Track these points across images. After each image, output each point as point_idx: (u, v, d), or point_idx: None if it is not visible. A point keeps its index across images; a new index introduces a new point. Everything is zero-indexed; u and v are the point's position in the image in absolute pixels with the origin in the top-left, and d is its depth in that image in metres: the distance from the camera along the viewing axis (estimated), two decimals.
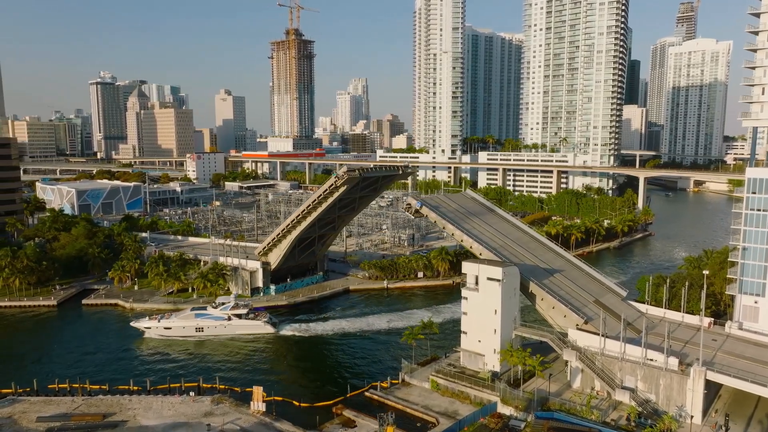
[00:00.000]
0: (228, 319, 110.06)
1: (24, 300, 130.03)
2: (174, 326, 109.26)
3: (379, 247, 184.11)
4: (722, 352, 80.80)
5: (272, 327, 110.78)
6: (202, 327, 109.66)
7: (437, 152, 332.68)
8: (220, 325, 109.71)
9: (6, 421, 76.02)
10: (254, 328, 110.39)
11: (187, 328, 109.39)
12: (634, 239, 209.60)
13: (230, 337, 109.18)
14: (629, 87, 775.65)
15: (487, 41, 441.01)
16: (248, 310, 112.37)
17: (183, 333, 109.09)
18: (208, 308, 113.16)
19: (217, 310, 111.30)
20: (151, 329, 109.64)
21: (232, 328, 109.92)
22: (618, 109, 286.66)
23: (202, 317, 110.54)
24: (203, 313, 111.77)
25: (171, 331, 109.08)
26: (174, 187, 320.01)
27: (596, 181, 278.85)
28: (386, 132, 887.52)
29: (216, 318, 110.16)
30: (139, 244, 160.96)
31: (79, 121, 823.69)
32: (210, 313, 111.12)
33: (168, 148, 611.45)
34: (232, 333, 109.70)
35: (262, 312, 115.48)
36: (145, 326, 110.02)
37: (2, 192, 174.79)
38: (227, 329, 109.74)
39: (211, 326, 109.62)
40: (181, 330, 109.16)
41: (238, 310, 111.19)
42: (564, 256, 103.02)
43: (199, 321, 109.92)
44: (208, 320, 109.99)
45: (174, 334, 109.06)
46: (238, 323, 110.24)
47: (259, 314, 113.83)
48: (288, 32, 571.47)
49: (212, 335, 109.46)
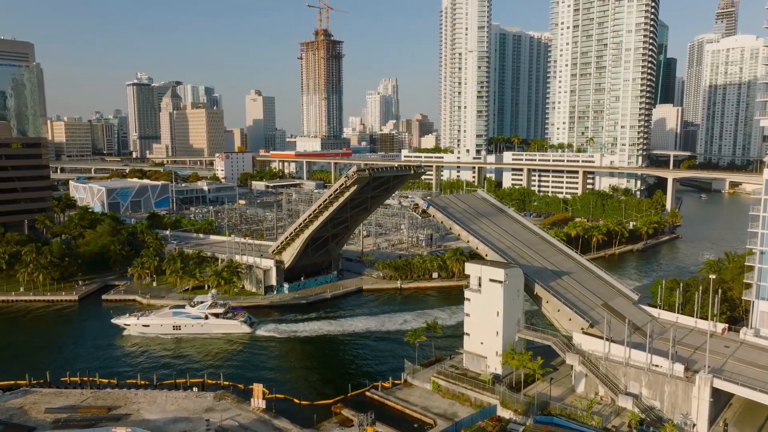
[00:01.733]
0: (205, 318, 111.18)
1: (47, 294, 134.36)
2: (152, 324, 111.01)
3: (396, 247, 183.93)
4: (734, 360, 78.11)
5: (249, 327, 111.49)
6: (179, 325, 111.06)
7: (462, 152, 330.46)
8: (197, 323, 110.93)
9: (17, 411, 78.73)
10: (230, 328, 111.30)
11: (164, 326, 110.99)
12: (660, 242, 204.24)
13: (207, 335, 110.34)
14: (665, 85, 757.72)
15: (515, 40, 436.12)
16: (226, 310, 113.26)
17: (161, 331, 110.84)
18: (186, 307, 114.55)
19: (194, 309, 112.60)
20: (131, 326, 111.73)
21: (209, 327, 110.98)
22: (647, 109, 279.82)
23: (179, 316, 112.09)
24: (181, 311, 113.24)
25: (149, 328, 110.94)
26: (201, 185, 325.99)
27: (623, 182, 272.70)
28: (415, 132, 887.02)
29: (193, 317, 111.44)
30: (160, 242, 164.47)
31: (116, 121, 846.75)
32: (187, 312, 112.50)
33: (199, 148, 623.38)
34: (209, 332, 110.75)
35: (240, 311, 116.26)
36: (124, 323, 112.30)
37: (33, 190, 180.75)
38: (204, 328, 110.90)
39: (188, 324, 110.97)
40: (159, 328, 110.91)
41: (215, 309, 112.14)
42: (575, 259, 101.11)
43: (177, 319, 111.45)
44: (185, 319, 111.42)
45: (152, 331, 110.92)
46: (215, 322, 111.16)
47: (237, 314, 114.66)
48: (317, 33, 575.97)
49: (189, 333, 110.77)
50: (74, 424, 74.27)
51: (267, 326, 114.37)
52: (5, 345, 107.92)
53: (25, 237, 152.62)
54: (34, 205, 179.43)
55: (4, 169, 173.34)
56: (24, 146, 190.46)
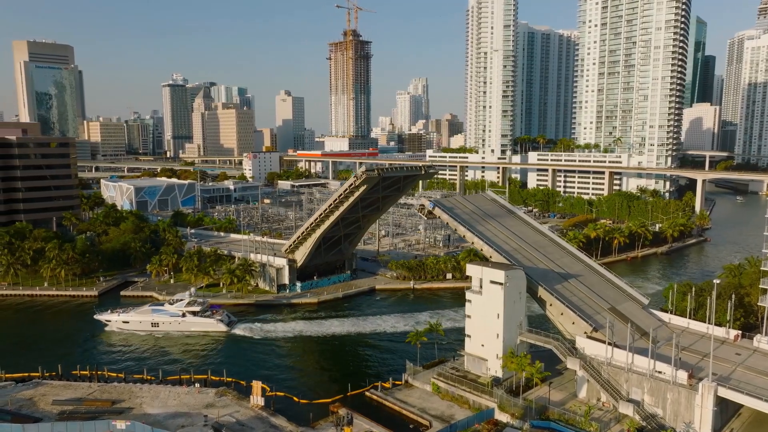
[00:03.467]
0: (182, 315, 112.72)
1: (69, 290, 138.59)
2: (131, 320, 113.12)
3: (413, 248, 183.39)
4: (744, 368, 75.42)
5: (225, 326, 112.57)
6: (157, 322, 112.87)
7: (486, 152, 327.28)
8: (175, 321, 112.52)
9: (26, 402, 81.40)
10: (207, 326, 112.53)
11: (143, 323, 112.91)
12: (686, 245, 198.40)
13: (184, 333, 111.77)
14: (702, 84, 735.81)
15: (543, 39, 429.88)
16: (203, 308, 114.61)
17: (139, 327, 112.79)
18: (165, 304, 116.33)
19: (173, 307, 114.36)
20: (112, 322, 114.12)
21: (186, 324, 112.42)
22: (677, 108, 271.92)
23: (158, 313, 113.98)
24: (160, 309, 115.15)
25: (129, 324, 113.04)
26: (227, 185, 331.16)
27: (651, 183, 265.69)
28: (445, 132, 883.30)
29: (171, 314, 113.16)
30: (180, 240, 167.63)
31: (151, 121, 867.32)
32: (166, 310, 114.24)
33: (230, 148, 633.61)
34: (186, 329, 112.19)
35: (218, 310, 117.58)
36: (106, 319, 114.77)
37: (61, 188, 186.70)
38: (181, 325, 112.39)
39: (165, 322, 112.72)
40: (138, 324, 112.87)
41: (192, 307, 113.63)
42: (584, 261, 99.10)
43: (155, 316, 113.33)
44: (163, 316, 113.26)
45: (131, 327, 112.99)
46: (192, 320, 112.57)
47: (216, 312, 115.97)
48: (345, 33, 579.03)
49: (166, 331, 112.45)
50: (78, 416, 76.30)
51: (244, 325, 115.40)
52: (23, 338, 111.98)
53: (51, 234, 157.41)
54: (62, 203, 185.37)
55: (35, 167, 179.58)
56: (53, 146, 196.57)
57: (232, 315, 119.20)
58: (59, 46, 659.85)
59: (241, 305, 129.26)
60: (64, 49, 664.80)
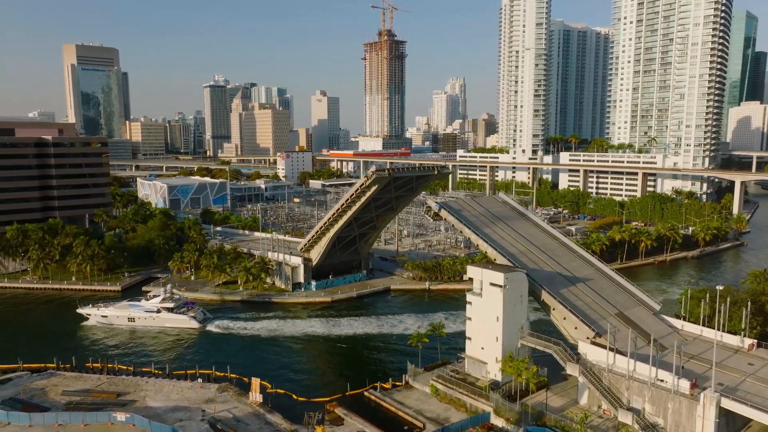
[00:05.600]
0: (157, 311, 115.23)
1: (94, 284, 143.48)
2: (110, 315, 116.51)
3: (434, 248, 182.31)
4: (754, 379, 72.07)
5: (198, 323, 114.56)
6: (133, 317, 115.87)
7: (517, 152, 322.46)
8: (150, 316, 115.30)
9: (38, 391, 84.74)
10: (179, 323, 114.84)
11: (120, 317, 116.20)
12: (720, 249, 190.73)
13: (158, 329, 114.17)
14: (752, 82, 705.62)
15: (580, 36, 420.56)
16: (176, 304, 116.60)
17: (117, 322, 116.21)
18: (142, 300, 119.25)
19: (148, 303, 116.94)
20: (92, 316, 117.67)
21: (160, 320, 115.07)
22: (716, 107, 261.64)
23: (134, 308, 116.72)
24: (136, 304, 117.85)
25: (107, 319, 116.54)
26: (259, 184, 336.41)
27: (688, 184, 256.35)
28: (481, 131, 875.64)
29: (146, 310, 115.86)
30: (204, 237, 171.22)
31: (193, 121, 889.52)
32: (142, 305, 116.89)
33: (265, 147, 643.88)
34: (160, 325, 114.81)
35: (193, 307, 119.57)
36: (86, 312, 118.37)
37: (94, 186, 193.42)
38: (155, 321, 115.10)
39: (141, 317, 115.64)
40: (116, 319, 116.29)
41: (166, 303, 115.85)
42: (594, 265, 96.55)
43: (131, 311, 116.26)
44: (139, 311, 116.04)
45: (109, 322, 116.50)
46: (166, 316, 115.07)
47: (190, 309, 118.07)
48: (380, 33, 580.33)
49: (142, 326, 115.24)
50: (84, 407, 78.96)
51: (218, 323, 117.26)
52: (44, 330, 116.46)
53: (81, 230, 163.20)
54: (95, 201, 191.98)
55: (70, 166, 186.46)
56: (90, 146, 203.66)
57: (208, 312, 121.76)
58: (105, 49, 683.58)
59: (234, 302, 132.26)
60: (110, 51, 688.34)
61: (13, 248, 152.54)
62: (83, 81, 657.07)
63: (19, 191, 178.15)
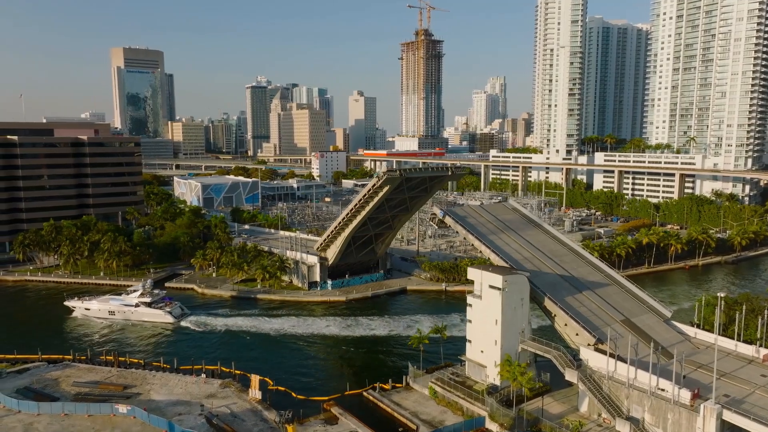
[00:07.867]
0: (136, 306, 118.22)
1: (120, 279, 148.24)
2: (92, 308, 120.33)
3: (456, 249, 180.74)
4: (764, 391, 68.62)
5: (173, 318, 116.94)
6: (113, 311, 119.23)
7: (551, 152, 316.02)
8: (129, 310, 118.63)
9: (51, 382, 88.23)
10: (155, 317, 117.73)
11: (101, 310, 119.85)
12: (758, 254, 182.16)
13: (135, 323, 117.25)
14: None
15: (620, 33, 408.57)
16: (153, 299, 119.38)
17: (98, 315, 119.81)
18: (123, 294, 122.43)
19: (128, 297, 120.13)
20: (76, 309, 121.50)
21: (138, 314, 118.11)
22: (761, 105, 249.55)
23: (115, 302, 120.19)
24: (117, 298, 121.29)
25: (90, 312, 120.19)
26: (291, 183, 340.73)
27: (729, 186, 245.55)
28: (521, 131, 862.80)
29: (125, 304, 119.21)
30: (228, 235, 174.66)
31: (234, 121, 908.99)
32: (122, 300, 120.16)
33: (302, 147, 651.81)
34: (138, 319, 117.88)
35: (170, 302, 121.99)
36: (72, 305, 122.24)
37: (127, 185, 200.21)
38: (134, 315, 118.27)
39: (120, 311, 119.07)
40: (97, 312, 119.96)
41: (144, 298, 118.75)
42: (603, 271, 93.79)
43: (112, 305, 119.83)
44: (119, 306, 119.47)
45: (92, 315, 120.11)
46: (143, 311, 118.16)
47: (168, 304, 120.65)
48: (417, 33, 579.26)
49: (121, 319, 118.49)
50: (91, 398, 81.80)
51: (194, 318, 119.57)
52: (65, 323, 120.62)
53: (112, 227, 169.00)
54: (127, 198, 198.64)
55: (104, 165, 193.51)
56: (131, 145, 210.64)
57: (186, 307, 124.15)
58: (150, 51, 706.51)
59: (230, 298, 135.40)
60: (155, 54, 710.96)
61: (47, 244, 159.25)
62: (129, 83, 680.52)
63: (57, 189, 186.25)
